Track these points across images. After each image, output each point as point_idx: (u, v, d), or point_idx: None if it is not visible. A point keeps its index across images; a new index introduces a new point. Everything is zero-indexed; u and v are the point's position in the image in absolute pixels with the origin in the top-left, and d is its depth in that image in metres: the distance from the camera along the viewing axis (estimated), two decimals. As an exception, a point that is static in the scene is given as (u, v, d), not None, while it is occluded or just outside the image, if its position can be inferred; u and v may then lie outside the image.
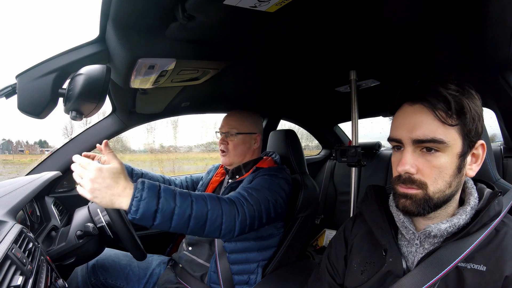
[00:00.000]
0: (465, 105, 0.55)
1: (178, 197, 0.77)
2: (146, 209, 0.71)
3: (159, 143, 4.43)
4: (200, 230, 0.80)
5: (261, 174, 1.12)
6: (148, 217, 0.72)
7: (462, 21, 0.80)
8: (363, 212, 0.73)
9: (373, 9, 0.73)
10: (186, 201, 0.77)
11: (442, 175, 0.56)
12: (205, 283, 1.11)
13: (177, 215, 0.75)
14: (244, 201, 0.91)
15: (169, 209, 0.74)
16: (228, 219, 0.83)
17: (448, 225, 0.57)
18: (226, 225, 0.83)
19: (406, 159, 0.57)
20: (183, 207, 0.76)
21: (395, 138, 0.60)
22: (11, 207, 0.85)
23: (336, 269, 0.74)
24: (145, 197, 0.72)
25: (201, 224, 0.79)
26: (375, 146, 2.36)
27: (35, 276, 0.66)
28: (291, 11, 0.66)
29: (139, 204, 0.71)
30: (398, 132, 0.59)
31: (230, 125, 1.25)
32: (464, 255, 0.54)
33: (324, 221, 2.42)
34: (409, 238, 0.63)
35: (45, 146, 4.43)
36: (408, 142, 0.57)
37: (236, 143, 1.24)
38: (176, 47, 0.79)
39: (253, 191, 0.97)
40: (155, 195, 0.73)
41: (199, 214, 0.78)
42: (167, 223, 0.75)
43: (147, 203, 0.71)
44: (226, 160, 1.26)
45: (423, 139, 0.55)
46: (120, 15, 0.64)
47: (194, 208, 0.78)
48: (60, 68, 0.69)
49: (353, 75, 1.28)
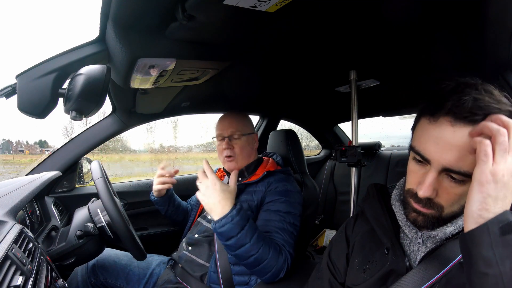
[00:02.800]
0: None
1: (253, 239, 0.91)
2: (228, 230, 0.89)
3: (159, 143, 4.42)
4: (252, 269, 0.94)
5: (277, 188, 1.14)
6: (225, 237, 0.90)
7: (462, 21, 0.80)
8: (365, 210, 0.73)
9: (373, 9, 0.73)
10: (256, 247, 0.91)
11: (460, 201, 0.54)
12: (205, 283, 1.11)
13: (243, 251, 0.90)
14: (287, 251, 1.00)
15: (238, 245, 0.90)
16: (275, 271, 0.94)
17: (453, 228, 0.57)
18: (272, 274, 0.95)
19: (430, 184, 0.53)
20: (251, 251, 0.90)
21: (424, 156, 0.54)
22: (11, 207, 0.84)
23: (337, 268, 0.74)
24: (234, 222, 0.89)
25: (254, 266, 0.93)
26: (375, 146, 2.36)
27: (35, 276, 0.66)
28: (291, 11, 0.66)
29: (225, 224, 0.89)
30: (429, 150, 0.53)
31: (233, 127, 1.23)
32: None
33: (324, 221, 2.43)
34: (412, 237, 0.63)
35: (45, 146, 4.42)
36: (437, 166, 0.52)
37: (242, 145, 1.22)
38: (176, 47, 0.79)
39: (288, 225, 1.06)
40: (240, 227, 0.90)
41: (259, 257, 0.91)
42: (233, 250, 0.91)
43: (229, 229, 0.89)
44: (233, 165, 1.23)
45: (455, 170, 0.50)
46: (120, 15, 0.64)
47: (257, 254, 0.91)
48: (60, 68, 0.69)
49: (353, 75, 1.28)
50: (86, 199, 1.15)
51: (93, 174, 1.02)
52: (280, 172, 1.22)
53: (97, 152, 2.79)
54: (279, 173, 1.21)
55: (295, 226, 1.09)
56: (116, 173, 3.80)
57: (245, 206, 1.13)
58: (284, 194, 1.12)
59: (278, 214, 1.07)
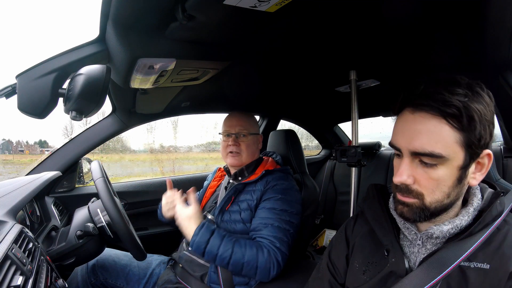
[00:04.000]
0: (475, 113, 0.50)
1: (222, 246, 0.98)
2: (197, 247, 0.99)
3: (159, 143, 4.42)
4: (238, 272, 1.01)
5: (274, 186, 1.14)
6: (199, 252, 1.00)
7: (462, 21, 0.80)
8: (365, 211, 0.73)
9: (373, 9, 0.73)
10: (227, 251, 0.97)
11: (440, 187, 0.54)
12: (205, 283, 1.11)
13: (218, 258, 0.98)
14: (277, 249, 1.01)
15: (212, 254, 0.98)
16: (262, 269, 0.98)
17: (450, 226, 0.57)
18: (260, 273, 0.98)
19: (403, 170, 0.56)
20: (224, 255, 0.97)
21: (395, 145, 0.58)
22: (11, 207, 0.85)
23: (337, 268, 0.74)
24: (198, 240, 0.99)
25: (239, 269, 0.98)
26: (375, 146, 2.36)
27: (35, 276, 0.66)
28: (291, 11, 0.66)
29: (193, 243, 1.00)
30: (397, 140, 0.58)
31: (241, 125, 1.24)
32: (467, 254, 0.54)
33: (324, 221, 2.42)
34: (411, 238, 0.62)
35: (45, 146, 4.42)
36: (406, 152, 0.56)
37: (248, 143, 1.24)
38: (176, 47, 0.79)
39: (282, 223, 1.07)
40: (206, 240, 0.99)
41: (235, 262, 0.97)
42: (212, 261, 1.00)
43: (198, 244, 0.99)
44: (237, 161, 1.24)
45: (421, 152, 0.53)
46: (120, 15, 0.64)
47: (232, 257, 0.97)
48: (60, 68, 0.69)
49: (353, 75, 1.28)
50: (86, 199, 1.15)
51: (93, 174, 1.02)
52: (279, 171, 1.22)
53: (97, 152, 2.80)
54: (278, 172, 1.21)
55: (291, 223, 1.09)
56: (116, 173, 3.80)
57: (244, 205, 1.14)
58: (280, 192, 1.12)
59: (272, 212, 1.08)
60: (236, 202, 1.16)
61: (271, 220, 1.06)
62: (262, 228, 1.05)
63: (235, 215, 1.14)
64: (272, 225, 1.05)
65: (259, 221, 1.07)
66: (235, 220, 1.13)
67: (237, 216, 1.13)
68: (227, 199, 1.17)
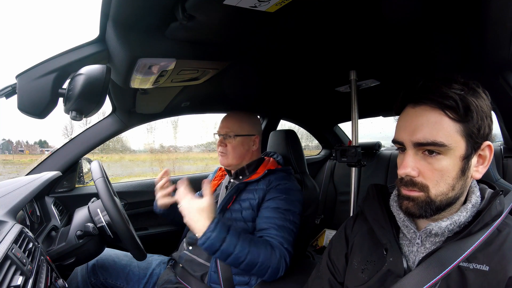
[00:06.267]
0: (471, 104, 0.53)
1: (239, 245, 0.91)
2: (211, 245, 0.89)
3: (159, 143, 4.43)
4: (247, 272, 0.97)
5: (277, 186, 1.14)
6: (212, 251, 0.90)
7: (462, 21, 0.80)
8: (364, 211, 0.73)
9: (373, 9, 0.73)
10: (244, 251, 0.91)
11: (444, 178, 0.55)
12: (205, 283, 1.11)
13: (232, 258, 0.91)
14: (285, 250, 1.01)
15: (227, 253, 0.90)
16: (273, 270, 0.96)
17: (449, 222, 0.57)
18: (270, 274, 0.96)
19: (407, 162, 0.57)
20: (239, 255, 0.91)
21: (398, 140, 0.60)
22: (11, 207, 0.85)
23: (337, 267, 0.74)
24: (213, 237, 0.89)
25: (250, 269, 0.94)
26: (375, 146, 2.36)
27: (35, 276, 0.66)
28: (291, 11, 0.66)
29: (205, 241, 0.88)
30: (400, 134, 0.59)
31: (228, 127, 1.25)
32: (466, 255, 0.54)
33: (324, 221, 2.42)
34: (410, 237, 0.63)
35: (45, 146, 4.43)
36: (409, 145, 0.57)
37: (234, 145, 1.23)
38: (176, 47, 0.79)
39: (287, 222, 1.07)
40: (222, 238, 0.90)
41: (250, 262, 0.93)
42: (223, 260, 0.93)
43: (213, 241, 0.89)
44: (224, 161, 1.26)
45: (423, 142, 0.54)
46: (120, 15, 0.64)
47: (247, 257, 0.92)
48: (60, 68, 0.69)
49: (353, 75, 1.27)
50: (86, 199, 1.15)
51: (93, 174, 1.02)
52: (281, 171, 1.22)
53: (97, 152, 2.80)
54: (280, 171, 1.22)
55: (294, 223, 1.09)
56: (116, 173, 3.80)
57: (246, 204, 1.14)
58: (284, 192, 1.13)
59: (277, 211, 1.08)
60: (238, 201, 1.16)
61: (277, 220, 1.06)
62: (269, 228, 1.04)
63: (236, 213, 1.14)
64: (278, 225, 1.05)
65: (265, 221, 1.07)
66: (236, 218, 1.13)
67: (238, 215, 1.13)
68: (228, 198, 1.17)
